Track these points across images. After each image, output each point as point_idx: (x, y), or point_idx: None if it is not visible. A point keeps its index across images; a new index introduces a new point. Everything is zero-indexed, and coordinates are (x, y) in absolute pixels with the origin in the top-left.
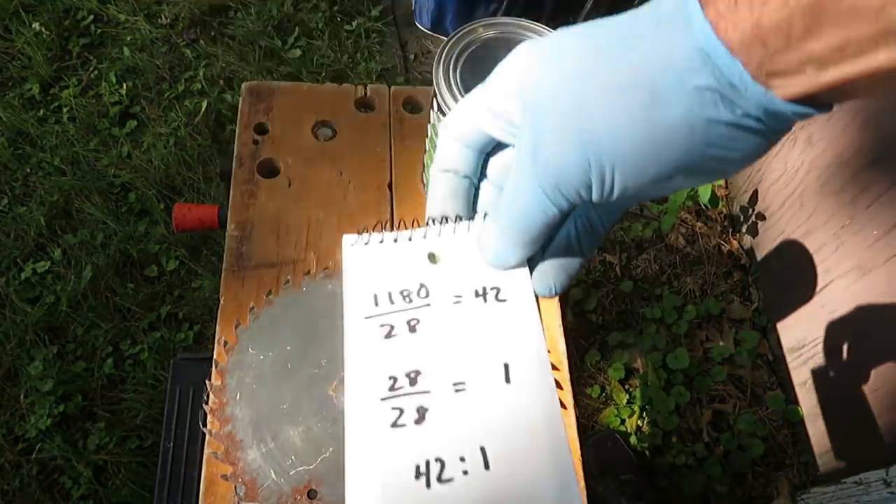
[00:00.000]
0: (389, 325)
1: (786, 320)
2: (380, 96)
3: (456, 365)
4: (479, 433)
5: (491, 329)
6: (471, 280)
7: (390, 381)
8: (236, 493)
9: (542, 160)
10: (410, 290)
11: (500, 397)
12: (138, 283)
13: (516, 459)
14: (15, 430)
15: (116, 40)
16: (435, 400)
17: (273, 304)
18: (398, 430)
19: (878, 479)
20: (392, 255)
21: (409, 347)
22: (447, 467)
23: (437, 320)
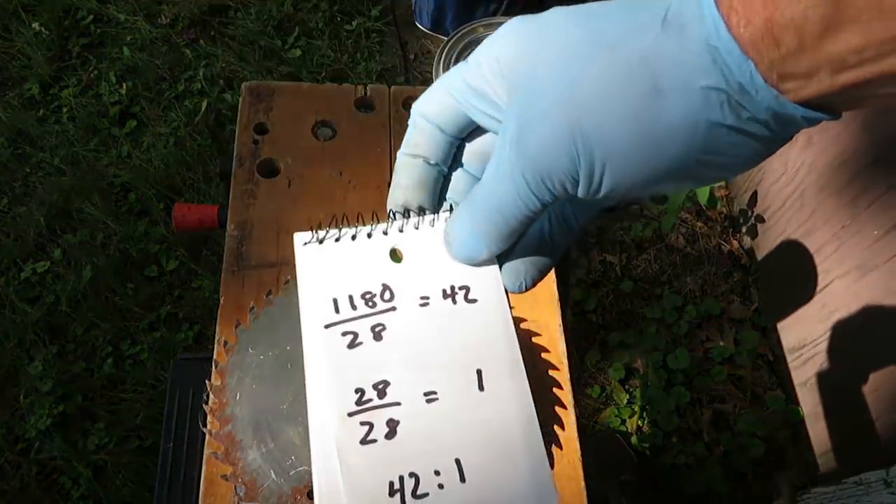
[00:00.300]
0: (353, 332)
1: (786, 320)
2: (380, 96)
3: (426, 373)
4: (453, 445)
5: (461, 333)
6: (437, 279)
7: (357, 395)
8: (236, 493)
9: (527, 149)
10: (373, 293)
11: (474, 406)
12: (138, 283)
13: (493, 470)
14: (15, 430)
15: (116, 40)
16: (406, 412)
17: (273, 304)
18: (369, 447)
19: (878, 479)
20: (351, 254)
21: (376, 356)
22: (422, 482)
23: (403, 325)
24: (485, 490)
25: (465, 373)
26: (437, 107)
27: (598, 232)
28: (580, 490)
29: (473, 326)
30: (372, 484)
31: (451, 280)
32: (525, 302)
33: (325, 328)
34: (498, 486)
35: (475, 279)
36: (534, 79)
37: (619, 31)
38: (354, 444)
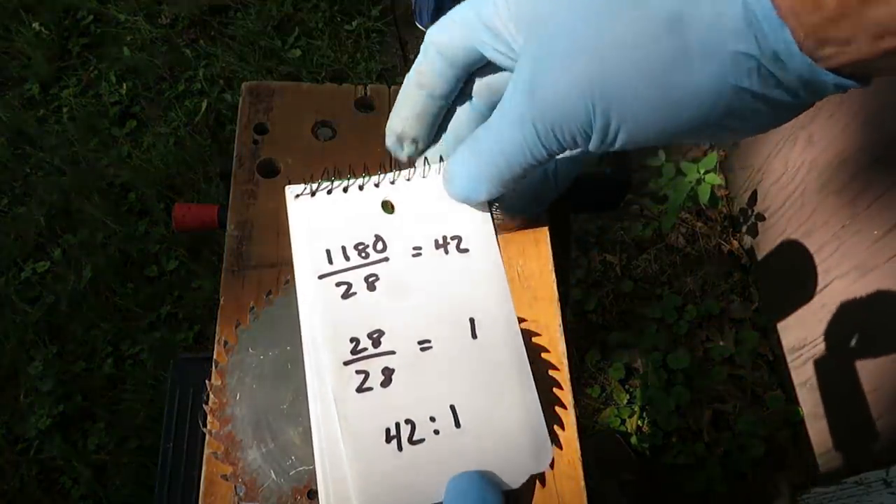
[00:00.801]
0: (346, 283)
1: (786, 320)
2: (380, 96)
3: (420, 322)
4: (447, 392)
5: (454, 282)
6: (429, 230)
7: (352, 344)
8: (236, 493)
9: (540, 96)
10: (366, 244)
11: (468, 354)
12: (138, 283)
13: (487, 416)
14: (15, 430)
15: (116, 40)
16: (400, 360)
17: (273, 304)
18: (365, 395)
19: (878, 479)
20: (343, 206)
21: (370, 306)
22: (418, 428)
23: (396, 275)
24: (480, 435)
25: (458, 321)
26: (448, 37)
27: (599, 232)
28: (580, 490)
29: (466, 276)
30: (368, 431)
31: (444, 230)
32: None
33: (319, 279)
34: (493, 431)
35: (467, 229)
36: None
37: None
38: (350, 392)
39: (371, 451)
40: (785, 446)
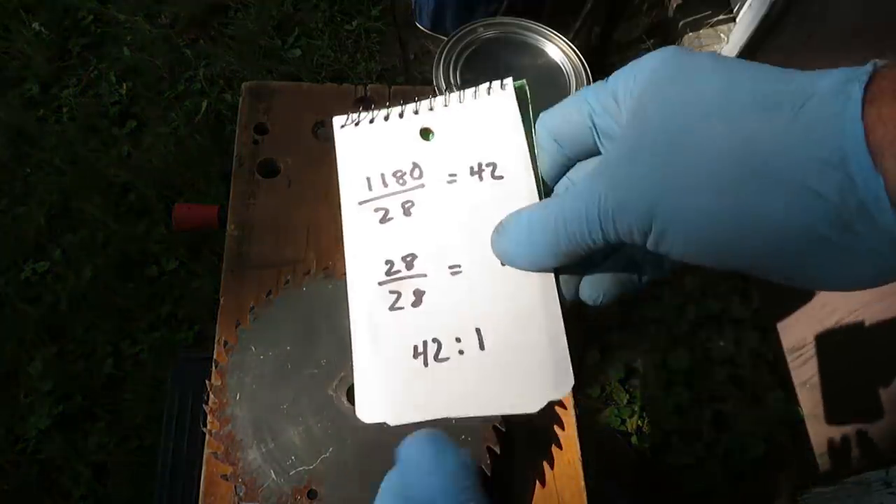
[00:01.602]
0: (384, 208)
1: (786, 320)
2: (380, 96)
3: (452, 247)
4: (474, 315)
5: (487, 208)
6: (465, 156)
7: (387, 266)
8: (236, 493)
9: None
10: (404, 171)
11: (496, 280)
12: (138, 283)
13: (511, 341)
14: (15, 430)
15: (116, 40)
16: (431, 282)
17: (273, 304)
18: (396, 313)
19: (878, 479)
20: (384, 134)
21: (405, 231)
22: (443, 347)
23: (431, 201)
24: (502, 358)
25: (488, 247)
26: (561, 119)
27: None
28: (580, 490)
29: (499, 202)
30: (398, 346)
31: (479, 157)
32: None
33: (359, 205)
34: (516, 355)
35: (502, 156)
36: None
37: (749, 106)
38: (384, 309)
39: (399, 365)
40: (785, 446)
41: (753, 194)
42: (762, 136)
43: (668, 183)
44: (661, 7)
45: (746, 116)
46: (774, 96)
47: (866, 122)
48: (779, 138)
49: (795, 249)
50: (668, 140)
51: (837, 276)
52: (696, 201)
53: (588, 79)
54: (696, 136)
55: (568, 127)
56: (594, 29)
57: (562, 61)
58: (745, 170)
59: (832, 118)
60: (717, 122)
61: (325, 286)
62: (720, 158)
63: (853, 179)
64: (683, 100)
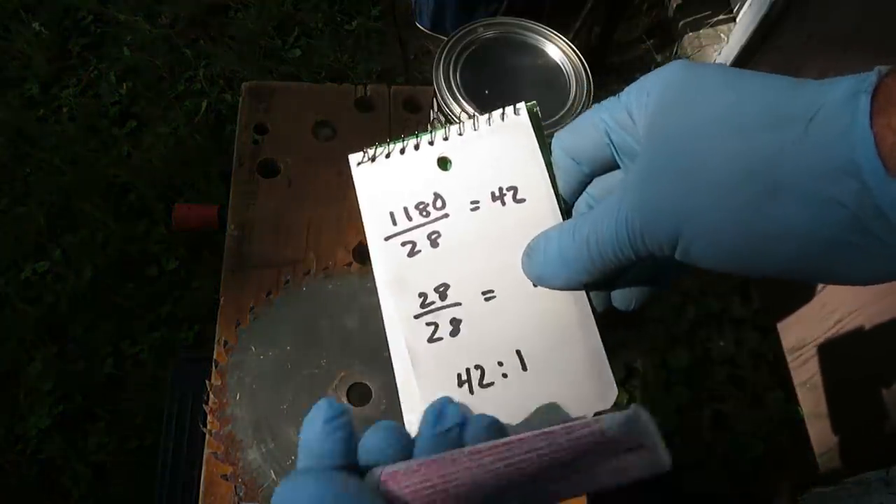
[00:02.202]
0: (411, 241)
1: (786, 320)
2: (380, 96)
3: (483, 273)
4: (513, 337)
5: (513, 232)
6: (485, 183)
7: (421, 299)
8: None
9: (638, 202)
10: (426, 203)
11: (531, 300)
12: (138, 283)
13: (552, 358)
14: (15, 430)
15: (116, 40)
16: (466, 310)
17: (273, 304)
18: (436, 344)
19: (878, 479)
20: (401, 167)
21: (434, 262)
22: (487, 373)
23: (457, 230)
24: (546, 377)
25: (519, 269)
26: (576, 137)
27: None
28: None
29: (524, 224)
30: (441, 377)
31: (499, 182)
32: None
33: (385, 241)
34: (559, 373)
35: (522, 179)
36: (668, 135)
37: (761, 120)
38: (422, 342)
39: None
40: (785, 446)
41: (775, 206)
42: (777, 150)
43: (691, 201)
44: (661, 7)
45: (760, 132)
46: (785, 109)
47: (875, 131)
48: (793, 152)
49: (820, 254)
50: (687, 158)
51: (858, 274)
52: (720, 216)
53: (588, 79)
54: (714, 153)
55: (584, 144)
56: (594, 29)
57: (562, 61)
58: (765, 184)
59: (843, 130)
60: (732, 139)
61: (325, 286)
62: (739, 174)
63: (868, 187)
64: (697, 118)
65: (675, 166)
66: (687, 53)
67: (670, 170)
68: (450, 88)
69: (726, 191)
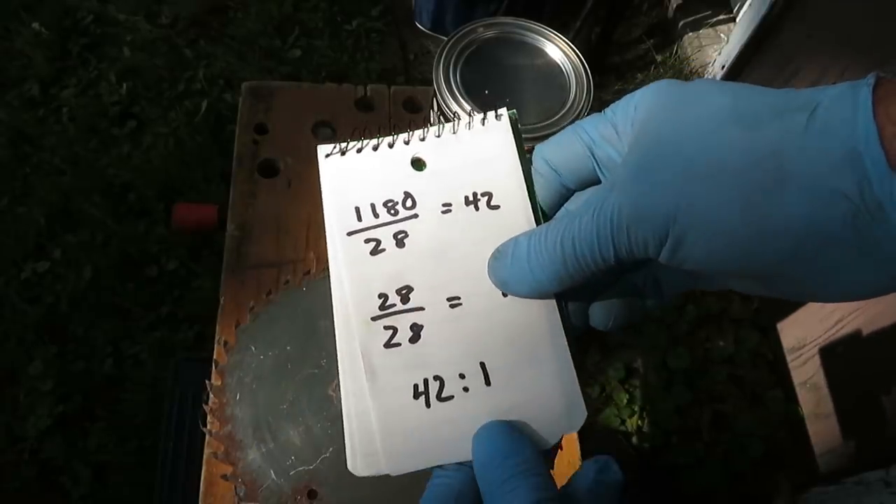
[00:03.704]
0: (375, 239)
1: (786, 320)
2: (380, 96)
3: (449, 279)
4: (477, 349)
5: (484, 239)
6: (460, 186)
7: (380, 300)
8: (236, 493)
9: (627, 194)
10: (395, 201)
11: (499, 311)
12: (138, 283)
13: (518, 374)
14: (15, 430)
15: (116, 40)
16: (429, 316)
17: (273, 303)
18: (392, 350)
19: (878, 479)
20: (373, 163)
21: (398, 263)
22: (447, 385)
23: (426, 232)
24: (511, 393)
25: (489, 278)
26: (559, 150)
27: None
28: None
29: (496, 232)
30: (396, 387)
31: (474, 187)
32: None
33: (348, 236)
34: (524, 389)
35: (498, 185)
36: (662, 132)
37: (762, 114)
38: (378, 347)
39: (398, 407)
40: (785, 446)
41: (774, 196)
42: (778, 140)
43: (687, 188)
44: (661, 7)
45: (761, 123)
46: (785, 104)
47: (877, 121)
48: (795, 142)
49: (812, 254)
50: (683, 151)
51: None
52: (717, 204)
53: (588, 79)
54: (713, 145)
55: (566, 157)
56: (594, 29)
57: (562, 61)
58: (765, 174)
59: (845, 119)
60: (732, 130)
61: (324, 286)
62: (738, 162)
63: (869, 178)
64: (694, 115)
65: (669, 158)
66: (687, 53)
67: (663, 162)
68: (450, 88)
69: (727, 176)
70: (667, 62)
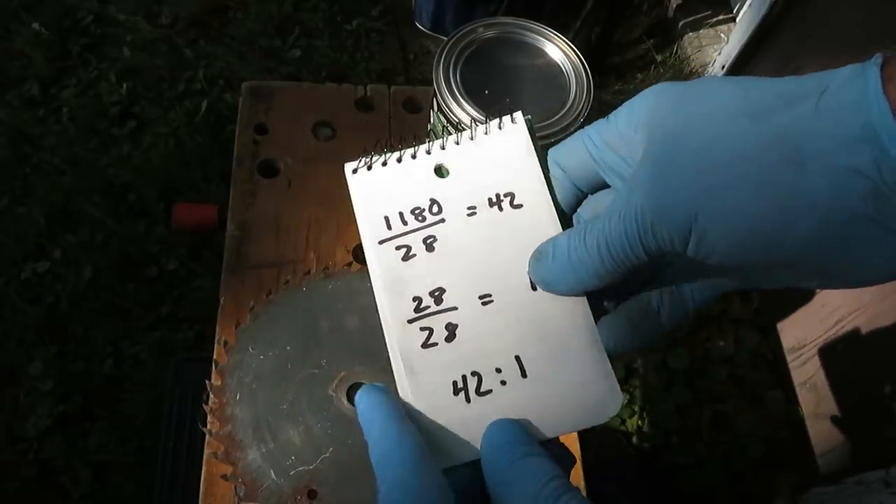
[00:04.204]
0: (406, 245)
1: (786, 320)
2: (380, 96)
3: (479, 278)
4: (511, 343)
5: (510, 237)
6: (483, 189)
7: (415, 303)
8: (236, 493)
9: (648, 194)
10: (422, 208)
11: (529, 305)
12: (138, 283)
13: (552, 364)
14: (15, 430)
15: (116, 40)
16: (463, 315)
17: (273, 303)
18: (430, 350)
19: (878, 479)
20: (398, 174)
21: (430, 266)
22: (484, 380)
23: (453, 235)
24: (547, 383)
25: (517, 274)
26: (568, 156)
27: None
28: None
29: (521, 230)
30: (436, 385)
31: (496, 189)
32: None
33: (380, 244)
34: (560, 378)
35: (519, 186)
36: (671, 130)
37: (772, 102)
38: (416, 348)
39: (440, 404)
40: (785, 446)
41: (793, 180)
42: (790, 124)
43: (706, 182)
44: (661, 7)
45: (771, 110)
46: (794, 91)
47: (888, 97)
48: (808, 124)
49: (839, 232)
50: (697, 146)
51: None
52: (736, 196)
53: (588, 79)
54: (725, 135)
55: (575, 162)
56: (594, 29)
57: (562, 61)
58: (781, 158)
59: (856, 97)
60: (743, 120)
61: (325, 286)
62: (753, 151)
63: (887, 152)
64: (702, 109)
65: (685, 155)
66: (687, 53)
67: (679, 155)
68: (450, 88)
69: (744, 164)
70: (667, 62)
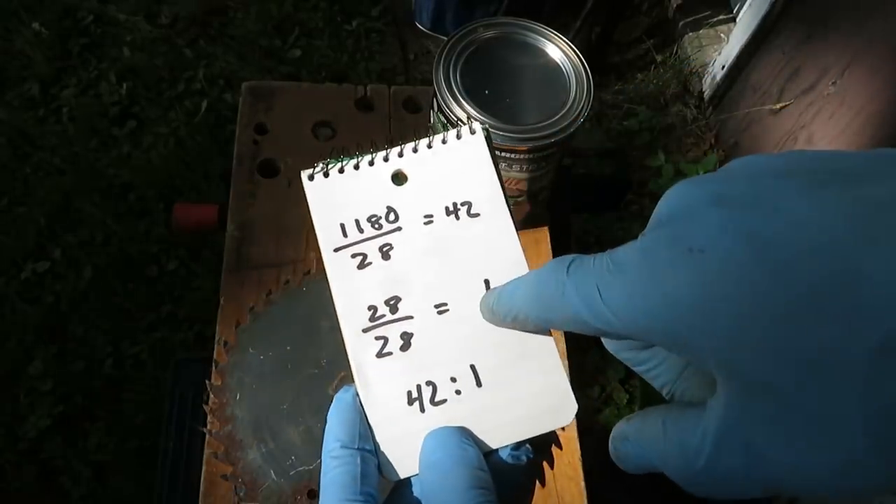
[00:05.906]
0: (361, 253)
1: None
2: (380, 96)
3: (436, 287)
4: (466, 352)
5: (467, 246)
6: (440, 198)
7: (370, 312)
8: (236, 493)
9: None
10: (379, 216)
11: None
12: (138, 283)
13: (508, 374)
14: (15, 431)
15: (116, 40)
16: (418, 324)
17: (273, 304)
18: (384, 359)
19: None
20: (355, 181)
21: (385, 274)
22: (439, 389)
23: (410, 243)
24: (502, 392)
25: (474, 283)
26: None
27: (599, 232)
28: (580, 490)
29: (478, 239)
30: (390, 395)
31: (453, 197)
32: None
33: (335, 252)
34: (514, 388)
35: (476, 195)
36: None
37: (804, 307)
38: (370, 357)
39: (394, 414)
40: None
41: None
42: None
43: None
44: (661, 7)
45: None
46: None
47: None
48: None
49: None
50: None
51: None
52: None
53: (588, 79)
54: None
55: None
56: (594, 29)
57: (562, 61)
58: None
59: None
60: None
61: (325, 286)
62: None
63: None
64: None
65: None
66: (687, 53)
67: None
68: (450, 88)
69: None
70: (667, 62)
